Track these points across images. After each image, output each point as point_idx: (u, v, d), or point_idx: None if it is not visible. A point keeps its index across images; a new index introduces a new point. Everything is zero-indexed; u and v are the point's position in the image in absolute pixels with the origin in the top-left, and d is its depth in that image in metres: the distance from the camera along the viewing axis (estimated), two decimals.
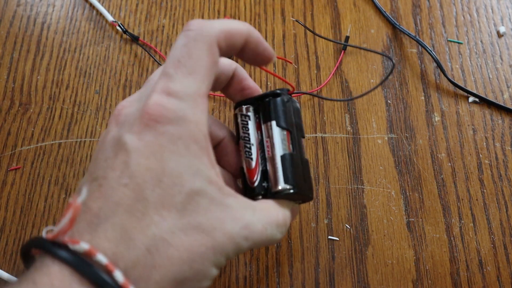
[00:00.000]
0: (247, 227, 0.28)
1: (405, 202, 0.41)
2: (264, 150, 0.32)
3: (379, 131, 0.44)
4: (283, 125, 0.32)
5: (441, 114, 0.45)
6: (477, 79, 0.46)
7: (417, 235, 0.40)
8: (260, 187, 0.32)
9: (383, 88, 0.46)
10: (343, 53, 0.48)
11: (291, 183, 0.31)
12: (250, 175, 0.32)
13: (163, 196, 0.26)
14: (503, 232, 0.40)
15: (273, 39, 0.49)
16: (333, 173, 0.42)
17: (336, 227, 0.40)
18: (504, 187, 0.42)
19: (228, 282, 0.38)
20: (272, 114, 0.32)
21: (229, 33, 0.29)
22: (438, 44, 0.48)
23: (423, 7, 0.51)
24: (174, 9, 0.51)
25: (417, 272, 0.38)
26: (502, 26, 0.49)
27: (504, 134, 0.44)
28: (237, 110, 0.34)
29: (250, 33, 0.30)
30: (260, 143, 0.33)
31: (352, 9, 0.50)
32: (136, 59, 0.48)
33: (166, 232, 0.25)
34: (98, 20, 0.50)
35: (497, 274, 0.38)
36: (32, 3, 0.51)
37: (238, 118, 0.33)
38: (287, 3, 0.51)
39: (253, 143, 0.33)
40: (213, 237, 0.26)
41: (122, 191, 0.25)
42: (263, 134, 0.32)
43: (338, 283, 0.38)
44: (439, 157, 0.43)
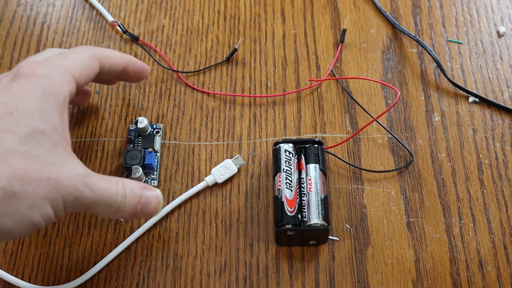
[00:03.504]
0: (88, 176, 0.31)
1: (405, 202, 0.41)
2: (302, 187, 0.39)
3: (379, 131, 0.44)
4: (324, 169, 0.39)
5: (441, 114, 0.45)
6: (477, 79, 0.46)
7: (417, 235, 0.40)
8: (295, 217, 0.37)
9: (383, 88, 0.46)
10: (341, 46, 0.48)
11: (327, 221, 0.37)
12: (289, 204, 0.38)
13: (10, 124, 0.29)
14: (503, 232, 0.40)
15: (273, 39, 0.49)
16: (333, 173, 0.42)
17: (336, 227, 0.40)
18: (504, 187, 0.41)
19: (228, 282, 0.38)
20: (316, 158, 0.39)
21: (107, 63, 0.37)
22: (438, 44, 0.48)
23: (423, 7, 0.51)
24: (174, 9, 0.51)
25: (417, 272, 0.38)
26: (502, 26, 0.49)
27: (504, 134, 0.44)
28: (280, 145, 0.40)
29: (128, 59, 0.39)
30: (298, 179, 0.39)
31: (352, 9, 0.50)
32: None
33: (3, 151, 0.28)
34: (98, 20, 0.50)
35: (497, 274, 0.38)
36: (32, 3, 0.51)
37: (281, 153, 0.40)
38: (287, 3, 0.51)
39: (294, 176, 0.39)
40: (50, 170, 0.29)
41: None
42: (306, 173, 0.39)
43: (338, 283, 0.38)
44: (439, 157, 0.43)
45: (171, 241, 0.40)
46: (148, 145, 0.42)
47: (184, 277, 0.39)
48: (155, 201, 0.35)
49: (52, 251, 0.39)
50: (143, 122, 0.43)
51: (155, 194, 0.35)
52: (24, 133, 0.29)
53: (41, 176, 0.29)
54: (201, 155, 0.43)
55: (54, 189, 0.29)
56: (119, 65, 0.38)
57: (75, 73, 0.34)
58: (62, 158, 0.30)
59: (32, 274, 0.39)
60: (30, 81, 0.31)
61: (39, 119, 0.30)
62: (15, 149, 0.29)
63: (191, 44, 0.49)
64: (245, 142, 0.44)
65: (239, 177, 0.42)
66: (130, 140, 0.43)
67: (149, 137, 0.43)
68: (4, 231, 0.28)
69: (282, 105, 0.45)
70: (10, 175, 0.28)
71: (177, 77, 0.47)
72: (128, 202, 0.33)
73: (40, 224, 0.29)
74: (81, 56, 0.35)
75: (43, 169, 0.29)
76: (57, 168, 0.30)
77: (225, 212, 0.41)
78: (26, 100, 0.30)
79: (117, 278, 0.39)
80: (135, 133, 0.44)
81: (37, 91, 0.31)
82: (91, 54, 0.36)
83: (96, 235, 0.40)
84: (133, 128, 0.44)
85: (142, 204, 0.34)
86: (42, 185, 0.29)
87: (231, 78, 0.47)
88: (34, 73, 0.32)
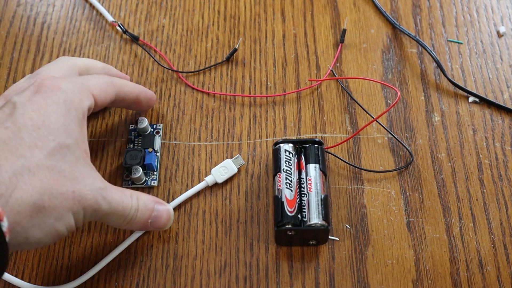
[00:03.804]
0: (105, 189, 0.33)
1: (405, 202, 0.41)
2: (302, 187, 0.39)
3: (379, 131, 0.44)
4: (324, 169, 0.39)
5: (441, 114, 0.45)
6: (477, 79, 0.46)
7: (417, 235, 0.40)
8: (295, 217, 0.37)
9: (383, 88, 0.46)
10: (341, 46, 0.48)
11: (327, 221, 0.37)
12: (289, 204, 0.38)
13: (38, 139, 0.30)
14: (503, 232, 0.40)
15: (273, 39, 0.49)
16: (333, 173, 0.42)
17: (336, 227, 0.40)
18: (504, 187, 0.41)
19: (228, 282, 0.38)
20: (316, 158, 0.39)
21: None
22: (438, 44, 0.48)
23: (423, 7, 0.51)
24: (174, 9, 0.51)
25: (417, 272, 0.38)
26: (502, 26, 0.49)
27: (504, 134, 0.44)
28: (280, 145, 0.40)
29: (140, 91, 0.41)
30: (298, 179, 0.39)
31: (352, 9, 0.50)
32: (136, 59, 0.48)
33: (33, 165, 0.30)
34: (98, 20, 0.50)
35: (497, 274, 0.38)
36: (32, 3, 0.51)
37: (281, 153, 0.40)
38: (287, 3, 0.51)
39: (294, 176, 0.39)
40: (73, 183, 0.31)
41: (3, 131, 0.30)
42: (306, 173, 0.39)
43: (338, 283, 0.38)
44: (439, 157, 0.43)
45: (171, 241, 0.40)
46: (148, 145, 0.42)
47: (184, 277, 0.39)
48: (166, 215, 0.38)
49: (52, 251, 0.39)
50: (143, 122, 0.43)
51: (167, 209, 0.38)
52: (51, 148, 0.31)
53: (67, 190, 0.31)
54: (201, 155, 0.43)
55: (78, 202, 0.31)
56: (132, 94, 0.40)
57: (94, 91, 0.36)
58: (83, 172, 0.32)
59: (32, 274, 0.39)
60: (54, 96, 0.33)
61: (64, 134, 0.32)
62: (43, 164, 0.30)
63: (191, 44, 0.49)
64: (245, 142, 0.44)
65: (239, 177, 0.42)
66: (130, 140, 0.43)
67: (149, 137, 0.43)
68: (33, 242, 0.30)
69: (282, 105, 0.45)
70: (41, 190, 0.29)
71: (177, 77, 0.47)
72: (140, 215, 0.35)
73: (64, 233, 0.31)
74: (100, 80, 0.37)
75: (68, 183, 0.31)
76: (79, 181, 0.31)
77: (225, 212, 0.41)
78: (52, 115, 0.32)
79: (117, 278, 0.39)
80: (135, 133, 0.44)
81: (61, 106, 0.32)
82: (109, 80, 0.38)
83: (96, 235, 0.40)
84: (133, 128, 0.44)
85: (153, 218, 0.37)
86: (68, 198, 0.31)
87: (231, 78, 0.47)
88: (58, 87, 0.33)
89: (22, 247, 0.30)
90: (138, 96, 0.41)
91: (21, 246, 0.30)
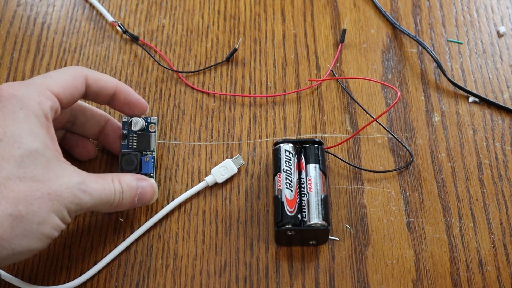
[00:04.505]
0: (84, 182, 0.33)
1: (405, 202, 0.41)
2: (302, 187, 0.39)
3: (379, 131, 0.44)
4: (324, 169, 0.39)
5: (441, 114, 0.45)
6: (477, 79, 0.46)
7: (417, 235, 0.40)
8: (295, 217, 0.37)
9: (383, 88, 0.46)
10: (341, 46, 0.48)
11: (327, 221, 0.37)
12: (289, 204, 0.38)
13: (3, 151, 0.31)
14: (503, 232, 0.40)
15: (273, 39, 0.49)
16: (333, 173, 0.42)
17: (336, 227, 0.40)
18: (504, 187, 0.41)
19: (228, 282, 0.38)
20: (316, 158, 0.39)
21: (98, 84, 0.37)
22: (438, 44, 0.48)
23: (423, 7, 0.51)
24: (174, 9, 0.51)
25: (417, 272, 0.38)
26: (502, 26, 0.49)
27: (504, 134, 0.44)
28: (280, 145, 0.40)
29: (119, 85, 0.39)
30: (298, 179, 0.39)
31: (352, 9, 0.50)
32: (136, 59, 0.48)
33: (3, 178, 0.30)
34: (98, 20, 0.50)
35: (497, 274, 0.38)
36: (32, 3, 0.51)
37: (281, 153, 0.40)
38: (287, 3, 0.51)
39: (294, 177, 0.39)
40: (49, 185, 0.31)
41: None
42: (306, 173, 0.39)
43: (338, 283, 0.38)
44: (439, 157, 0.43)
45: (171, 241, 0.40)
46: (144, 146, 0.40)
47: (184, 277, 0.39)
48: (151, 190, 0.38)
49: (52, 251, 0.39)
50: (137, 124, 0.40)
51: (150, 183, 0.38)
52: (18, 155, 0.31)
53: (42, 194, 0.31)
54: (201, 155, 0.43)
55: (56, 202, 0.31)
56: (108, 89, 0.38)
57: (56, 90, 0.34)
58: (57, 171, 0.32)
59: (32, 274, 0.39)
60: (10, 104, 0.32)
61: (29, 139, 0.31)
62: (13, 174, 0.30)
63: (191, 44, 0.49)
64: (245, 142, 0.44)
65: (239, 177, 0.42)
66: (125, 136, 0.41)
67: (145, 137, 0.40)
68: (22, 251, 0.31)
69: (282, 105, 0.45)
70: (15, 200, 0.30)
71: (177, 77, 0.47)
72: (126, 196, 0.36)
73: (53, 234, 0.32)
74: (64, 75, 0.36)
75: (42, 186, 0.31)
76: (54, 182, 0.31)
77: (225, 212, 0.41)
78: (11, 125, 0.31)
79: (117, 278, 0.39)
80: (129, 126, 0.40)
81: (19, 113, 0.32)
82: (77, 73, 0.36)
83: (96, 235, 0.40)
84: (126, 121, 0.41)
85: (139, 195, 0.37)
86: (45, 201, 0.31)
87: (231, 78, 0.47)
88: (13, 95, 0.32)
89: (14, 258, 0.31)
90: (117, 95, 0.39)
91: (11, 258, 0.31)
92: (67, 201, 0.32)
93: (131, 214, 0.41)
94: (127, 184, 0.36)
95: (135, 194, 0.37)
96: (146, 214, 0.41)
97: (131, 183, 0.37)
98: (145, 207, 0.41)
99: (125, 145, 0.41)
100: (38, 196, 0.31)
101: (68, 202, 0.32)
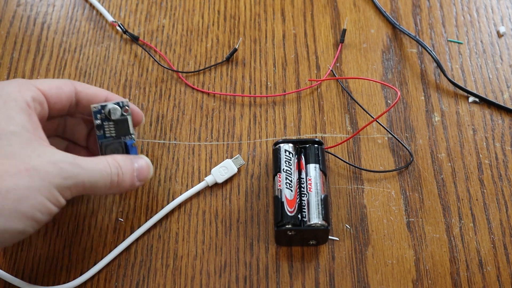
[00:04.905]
0: (73, 157, 0.32)
1: (405, 202, 0.41)
2: (302, 187, 0.39)
3: (379, 131, 0.44)
4: (324, 169, 0.39)
5: (441, 114, 0.45)
6: (477, 79, 0.46)
7: (417, 235, 0.40)
8: (295, 217, 0.37)
9: (383, 88, 0.46)
10: (341, 46, 0.48)
11: (327, 221, 0.37)
12: (289, 204, 0.38)
13: None
14: (503, 232, 0.40)
15: (273, 39, 0.49)
16: (333, 173, 0.42)
17: (336, 227, 0.40)
18: (504, 187, 0.41)
19: (228, 282, 0.38)
20: (316, 158, 0.39)
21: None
22: (438, 44, 0.48)
23: (423, 7, 0.51)
24: (174, 9, 0.51)
25: (417, 272, 0.38)
26: (502, 26, 0.49)
27: (504, 134, 0.44)
28: (280, 145, 0.40)
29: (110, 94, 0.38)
30: (298, 179, 0.39)
31: (352, 9, 0.50)
32: (136, 59, 0.48)
33: None
34: (98, 20, 0.50)
35: (497, 274, 0.38)
36: (32, 3, 0.51)
37: (281, 153, 0.40)
38: (287, 3, 0.51)
39: (294, 177, 0.39)
40: (27, 162, 0.30)
41: None
42: (306, 173, 0.39)
43: (338, 283, 0.38)
44: (439, 157, 0.43)
45: (171, 241, 0.40)
46: (123, 131, 0.38)
47: (184, 277, 0.39)
48: (146, 164, 0.37)
49: (52, 251, 0.39)
50: (116, 112, 0.37)
51: (144, 160, 0.37)
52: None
53: (18, 170, 0.29)
54: (201, 155, 0.43)
55: (37, 178, 0.30)
56: (99, 96, 0.38)
57: (40, 86, 0.34)
58: (38, 150, 0.31)
59: (32, 274, 0.39)
60: None
61: (4, 122, 0.31)
62: None
63: (191, 44, 0.49)
64: (245, 142, 0.44)
65: (239, 177, 0.42)
66: (99, 126, 0.37)
67: (122, 123, 0.38)
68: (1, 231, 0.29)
69: (282, 105, 0.46)
70: None
71: (177, 77, 0.47)
72: (125, 171, 0.35)
73: (36, 216, 0.30)
74: (53, 80, 0.36)
75: (19, 163, 0.30)
76: (33, 159, 0.30)
77: (225, 212, 0.41)
78: None
79: (117, 278, 0.39)
80: (102, 115, 0.37)
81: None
82: (65, 80, 0.37)
83: (96, 235, 0.40)
84: (97, 110, 0.37)
85: (137, 170, 0.36)
86: (22, 177, 0.29)
87: (231, 78, 0.47)
88: None
89: None
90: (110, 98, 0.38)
91: None
92: (53, 176, 0.30)
93: (131, 214, 0.41)
94: (122, 159, 0.35)
95: (133, 169, 0.36)
96: (146, 214, 0.41)
97: (126, 159, 0.36)
98: (145, 207, 0.41)
99: (101, 136, 0.38)
100: (13, 172, 0.29)
101: (53, 177, 0.30)
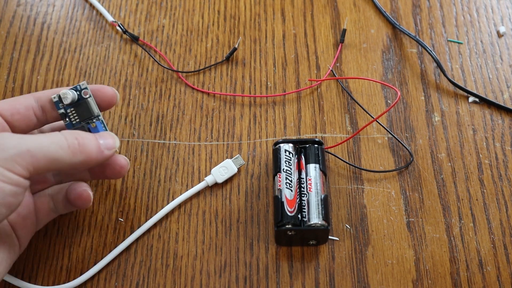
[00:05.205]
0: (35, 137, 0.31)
1: (405, 202, 0.41)
2: (302, 187, 0.39)
3: (379, 131, 0.44)
4: (324, 169, 0.39)
5: (441, 114, 0.45)
6: (477, 79, 0.46)
7: (417, 235, 0.40)
8: (295, 217, 0.37)
9: (383, 88, 0.46)
10: (341, 46, 0.48)
11: (327, 221, 0.37)
12: (289, 204, 0.38)
13: None
14: (503, 232, 0.40)
15: (273, 39, 0.49)
16: (333, 173, 0.42)
17: (336, 227, 0.40)
18: (504, 187, 0.42)
19: (228, 282, 0.38)
20: (316, 158, 0.39)
21: None
22: (438, 44, 0.48)
23: (423, 7, 0.51)
24: (174, 9, 0.51)
25: (417, 272, 0.38)
26: (502, 26, 0.49)
27: (504, 134, 0.44)
28: (280, 145, 0.40)
29: None
30: (298, 179, 0.39)
31: (352, 9, 0.50)
32: (136, 59, 0.48)
33: None
34: (98, 20, 0.50)
35: (497, 274, 0.38)
36: (32, 3, 0.51)
37: (281, 153, 0.40)
38: (287, 3, 0.51)
39: (294, 176, 0.39)
40: None
41: None
42: (306, 173, 0.39)
43: (338, 283, 0.38)
44: (439, 157, 0.43)
45: (171, 241, 0.40)
46: (86, 114, 0.38)
47: (184, 277, 0.39)
48: (108, 134, 0.36)
49: (52, 251, 0.39)
50: (67, 97, 0.37)
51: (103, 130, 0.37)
52: None
53: None
54: (201, 155, 0.43)
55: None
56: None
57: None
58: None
59: (32, 274, 0.39)
60: None
61: None
62: None
63: (191, 44, 0.49)
64: (245, 142, 0.44)
65: (239, 177, 0.42)
66: (64, 115, 0.38)
67: (83, 106, 0.37)
68: None
69: (282, 105, 0.46)
70: None
71: (177, 77, 0.47)
72: (84, 136, 0.34)
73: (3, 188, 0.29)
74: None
75: None
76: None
77: (225, 212, 0.41)
78: None
79: (117, 278, 0.39)
80: (63, 104, 0.37)
81: None
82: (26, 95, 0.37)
83: (96, 235, 0.40)
84: (56, 99, 0.37)
85: (100, 137, 0.35)
86: None
87: (231, 78, 0.47)
88: None
89: None
90: None
91: None
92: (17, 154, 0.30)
93: (131, 214, 0.41)
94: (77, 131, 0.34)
95: (94, 136, 0.34)
96: (146, 214, 0.41)
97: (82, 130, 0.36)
98: (145, 207, 0.41)
99: (69, 124, 0.38)
100: None
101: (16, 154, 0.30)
